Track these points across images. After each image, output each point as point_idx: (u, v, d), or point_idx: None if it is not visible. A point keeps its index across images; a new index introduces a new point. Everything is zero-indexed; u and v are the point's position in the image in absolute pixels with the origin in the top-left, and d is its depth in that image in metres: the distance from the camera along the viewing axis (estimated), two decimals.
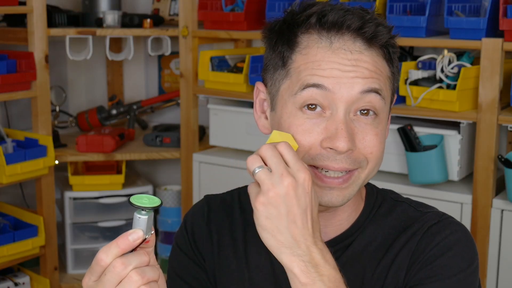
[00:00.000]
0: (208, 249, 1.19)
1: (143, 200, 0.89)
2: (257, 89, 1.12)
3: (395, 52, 1.06)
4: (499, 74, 2.13)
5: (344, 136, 0.98)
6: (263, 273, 1.14)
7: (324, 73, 0.99)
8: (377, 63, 1.02)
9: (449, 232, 1.06)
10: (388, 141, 2.32)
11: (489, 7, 2.16)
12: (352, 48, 1.00)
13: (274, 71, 1.06)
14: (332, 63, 1.00)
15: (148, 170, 3.38)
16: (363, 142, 1.01)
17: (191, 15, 2.74)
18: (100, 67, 3.39)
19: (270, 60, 1.07)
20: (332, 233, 1.10)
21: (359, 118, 1.01)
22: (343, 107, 0.99)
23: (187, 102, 2.80)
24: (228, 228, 1.18)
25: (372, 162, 1.03)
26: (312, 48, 1.01)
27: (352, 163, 1.01)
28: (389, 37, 1.04)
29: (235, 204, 1.20)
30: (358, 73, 1.00)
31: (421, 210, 1.11)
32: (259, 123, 1.12)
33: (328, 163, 1.00)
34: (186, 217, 1.24)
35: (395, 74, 1.07)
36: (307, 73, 1.00)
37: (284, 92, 1.04)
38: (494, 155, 2.17)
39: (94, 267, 0.89)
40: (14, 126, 2.98)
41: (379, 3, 2.35)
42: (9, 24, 2.83)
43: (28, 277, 2.79)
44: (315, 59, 1.00)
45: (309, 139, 1.00)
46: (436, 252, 1.04)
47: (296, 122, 1.01)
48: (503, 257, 2.18)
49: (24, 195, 3.02)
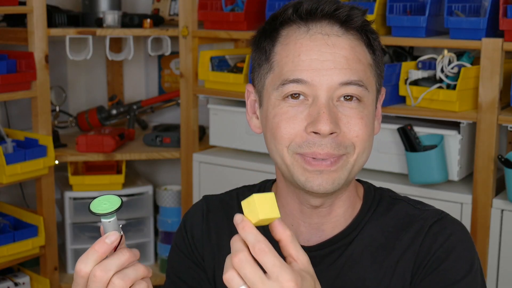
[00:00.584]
0: (207, 249, 1.19)
1: (103, 204, 0.88)
2: (247, 91, 1.14)
3: (375, 39, 1.07)
4: (499, 74, 2.13)
5: (325, 118, 0.99)
6: None
7: (303, 66, 1.01)
8: (355, 49, 1.03)
9: (450, 232, 1.07)
10: (388, 141, 2.33)
11: (489, 7, 2.16)
12: (329, 32, 1.03)
13: (259, 67, 1.09)
14: (310, 52, 1.01)
15: (148, 170, 3.38)
16: (348, 125, 1.02)
17: (191, 15, 2.74)
18: (100, 67, 3.39)
19: (256, 59, 1.10)
20: (329, 231, 1.11)
21: (342, 103, 1.02)
22: (325, 94, 1.01)
23: (187, 102, 2.80)
24: (227, 228, 1.18)
25: (359, 146, 1.03)
26: (291, 37, 1.04)
27: (337, 147, 1.01)
28: (364, 20, 1.05)
29: (234, 204, 1.20)
30: (336, 63, 1.01)
31: (419, 207, 1.12)
32: (251, 124, 1.14)
33: (315, 149, 1.01)
34: (185, 218, 1.25)
35: (378, 63, 1.08)
36: (288, 69, 1.03)
37: (269, 85, 1.06)
38: (494, 155, 2.17)
39: (76, 279, 0.89)
40: (14, 126, 2.98)
41: (379, 3, 2.35)
42: (9, 24, 2.83)
43: (28, 277, 2.79)
44: (295, 49, 1.03)
45: (293, 126, 1.02)
46: (440, 255, 1.05)
47: (280, 111, 1.03)
48: (503, 257, 2.18)
49: (24, 195, 3.02)
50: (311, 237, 1.11)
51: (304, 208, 1.09)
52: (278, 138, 1.03)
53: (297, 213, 1.11)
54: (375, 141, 1.10)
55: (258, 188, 1.21)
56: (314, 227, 1.10)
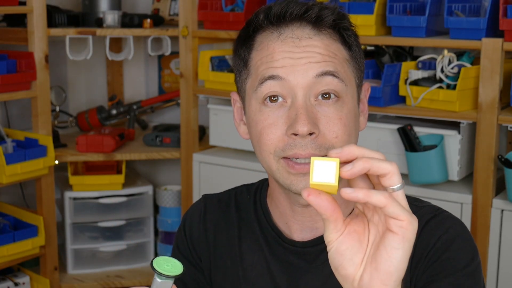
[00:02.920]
0: (204, 248, 1.20)
1: (166, 265, 0.86)
2: (233, 99, 1.16)
3: (350, 35, 1.06)
4: (499, 74, 2.13)
5: (303, 119, 0.99)
6: (257, 270, 1.14)
7: (277, 64, 1.02)
8: (329, 46, 1.03)
9: (448, 226, 1.06)
10: (388, 141, 2.33)
11: (489, 7, 2.16)
12: (300, 35, 1.02)
13: (239, 74, 1.11)
14: (283, 53, 1.02)
15: (148, 170, 3.38)
16: (326, 126, 1.01)
17: (191, 15, 2.74)
18: (100, 67, 3.39)
19: (235, 66, 1.12)
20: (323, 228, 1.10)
21: (320, 102, 1.02)
22: (301, 93, 1.01)
23: (187, 102, 2.80)
24: (224, 227, 1.19)
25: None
26: (264, 42, 1.05)
27: (318, 148, 1.00)
28: (335, 18, 1.03)
29: (231, 203, 1.21)
30: (310, 58, 1.01)
31: (416, 204, 1.11)
32: (240, 131, 1.15)
33: (296, 150, 1.00)
34: (184, 217, 1.26)
35: (356, 58, 1.07)
36: (262, 68, 1.03)
37: (249, 90, 1.07)
38: (494, 155, 2.17)
39: None
40: (14, 126, 2.98)
41: (379, 3, 2.35)
42: (9, 24, 2.83)
43: (28, 277, 2.79)
44: (268, 53, 1.03)
45: (275, 131, 1.02)
46: (441, 247, 1.04)
47: (261, 118, 1.03)
48: (503, 257, 2.18)
49: (24, 195, 3.02)
50: (305, 234, 1.11)
51: (295, 207, 1.10)
52: (262, 145, 1.04)
53: (289, 212, 1.11)
54: (375, 141, 1.10)
55: (256, 186, 1.22)
56: (307, 225, 1.11)
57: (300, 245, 1.11)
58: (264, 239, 1.15)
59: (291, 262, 1.11)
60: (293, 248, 1.11)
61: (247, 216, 1.18)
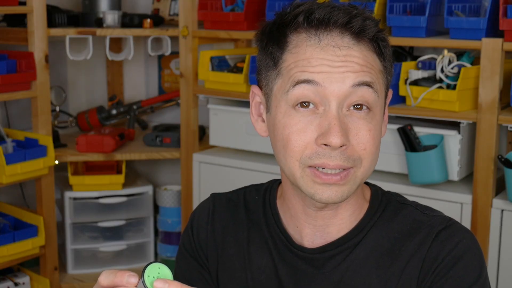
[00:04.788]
0: (211, 248, 1.18)
1: (156, 272, 0.85)
2: (252, 92, 1.12)
3: (386, 46, 1.05)
4: (499, 74, 2.13)
5: (337, 131, 0.98)
6: (265, 273, 1.13)
7: (314, 69, 0.99)
8: (367, 57, 1.02)
9: (458, 240, 1.05)
10: (388, 141, 2.33)
11: (489, 7, 2.16)
12: (341, 44, 1.00)
13: (267, 72, 1.07)
14: (321, 60, 1.00)
15: (148, 170, 3.38)
16: (356, 138, 1.00)
17: (191, 15, 2.74)
18: (100, 67, 3.39)
19: (262, 62, 1.08)
20: (335, 234, 1.10)
21: (352, 113, 1.01)
22: (335, 102, 0.99)
23: (187, 102, 2.80)
24: (233, 228, 1.18)
25: (366, 159, 1.02)
26: (301, 46, 1.02)
27: (346, 160, 1.00)
28: (377, 31, 1.03)
29: (240, 204, 1.19)
30: (348, 67, 1.00)
31: (428, 213, 1.10)
32: (257, 127, 1.12)
33: (324, 160, 0.99)
34: (192, 216, 1.24)
35: (387, 68, 1.06)
36: (297, 70, 1.01)
37: (277, 92, 1.04)
38: (494, 155, 2.17)
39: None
40: (14, 126, 2.98)
41: (379, 3, 2.35)
42: (9, 24, 2.83)
43: (28, 277, 2.79)
44: (305, 57, 1.00)
45: (304, 138, 1.00)
46: (448, 262, 1.03)
47: (290, 122, 1.01)
48: (503, 257, 2.18)
49: (24, 195, 3.02)
50: (316, 239, 1.10)
51: (309, 210, 1.09)
52: (288, 150, 1.02)
53: (301, 215, 1.10)
54: None
55: (265, 187, 1.19)
56: (319, 229, 1.10)
57: (308, 251, 1.10)
58: (273, 242, 1.13)
59: (299, 268, 1.10)
60: (302, 254, 1.10)
61: (256, 217, 1.17)
